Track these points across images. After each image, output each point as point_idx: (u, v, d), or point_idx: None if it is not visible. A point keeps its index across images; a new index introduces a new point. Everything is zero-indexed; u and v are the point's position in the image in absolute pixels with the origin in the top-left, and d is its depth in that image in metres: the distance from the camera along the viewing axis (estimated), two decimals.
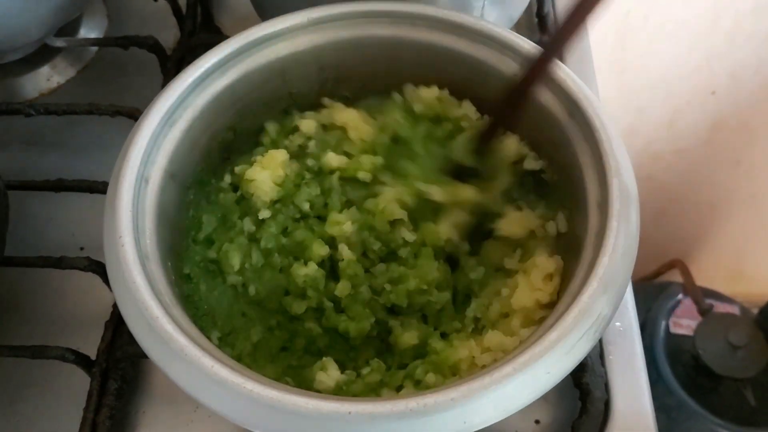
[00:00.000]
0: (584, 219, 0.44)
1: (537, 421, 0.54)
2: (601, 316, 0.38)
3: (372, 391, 0.45)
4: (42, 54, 0.74)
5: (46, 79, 0.73)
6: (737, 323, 1.09)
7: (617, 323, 0.56)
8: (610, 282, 0.39)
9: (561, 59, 0.47)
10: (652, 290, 1.24)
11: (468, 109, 0.55)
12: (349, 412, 0.35)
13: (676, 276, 1.25)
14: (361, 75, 0.56)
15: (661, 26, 1.14)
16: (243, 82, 0.52)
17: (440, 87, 0.55)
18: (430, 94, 0.55)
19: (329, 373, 0.46)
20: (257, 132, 0.56)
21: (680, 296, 1.20)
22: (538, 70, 0.46)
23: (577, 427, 0.52)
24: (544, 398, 0.53)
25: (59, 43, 0.71)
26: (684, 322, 1.18)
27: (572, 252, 0.45)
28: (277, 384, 0.37)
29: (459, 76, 0.54)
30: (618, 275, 0.40)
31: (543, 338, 0.37)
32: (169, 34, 0.77)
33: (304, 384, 0.46)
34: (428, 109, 0.55)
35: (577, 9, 0.42)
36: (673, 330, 1.17)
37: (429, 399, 0.35)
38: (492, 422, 0.36)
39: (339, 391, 0.45)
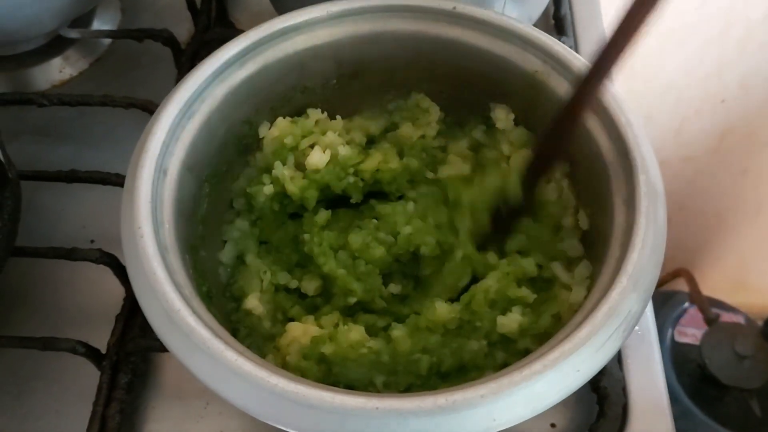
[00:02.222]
0: (609, 216, 0.44)
1: (553, 425, 0.53)
2: (631, 313, 0.38)
3: (558, 322, 0.45)
4: (55, 46, 0.73)
5: (59, 70, 0.73)
6: (744, 333, 1.09)
7: (635, 327, 0.56)
8: (639, 279, 0.39)
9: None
10: (658, 299, 1.23)
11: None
12: (377, 408, 0.34)
13: (680, 285, 1.25)
14: (379, 71, 0.56)
15: (672, 33, 1.14)
16: (261, 75, 0.52)
17: (459, 84, 0.55)
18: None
19: (510, 316, 0.46)
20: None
21: (686, 305, 1.20)
22: (588, 91, 0.42)
23: (595, 431, 0.51)
24: (561, 401, 0.53)
25: (73, 34, 0.70)
26: (689, 331, 1.17)
27: (597, 249, 0.44)
28: (301, 379, 0.36)
29: (479, 73, 0.53)
30: (647, 272, 0.39)
31: (572, 336, 0.36)
32: (182, 29, 0.76)
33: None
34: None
35: (626, 22, 0.38)
36: (679, 339, 1.16)
37: (458, 395, 0.34)
38: (521, 420, 0.35)
39: (525, 332, 0.45)
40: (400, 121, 0.56)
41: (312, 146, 0.53)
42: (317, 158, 0.52)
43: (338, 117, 0.56)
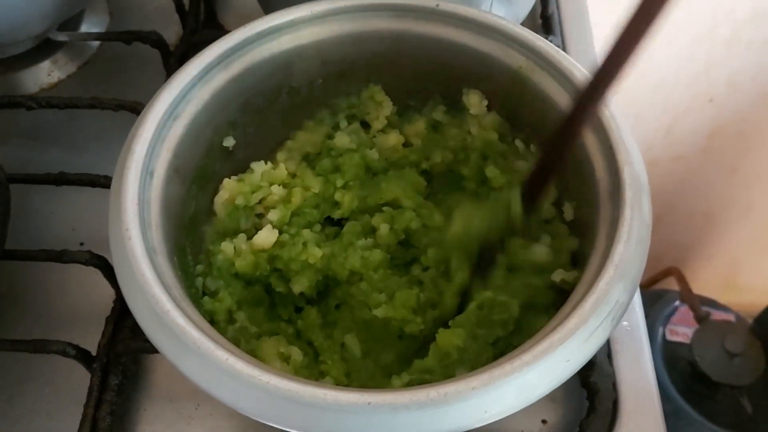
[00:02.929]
0: (595, 209, 0.44)
1: (544, 421, 0.53)
2: (618, 303, 0.38)
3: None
4: (43, 49, 0.73)
5: (47, 74, 0.72)
6: (734, 331, 1.09)
7: (624, 322, 0.56)
8: (625, 270, 0.39)
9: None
10: (649, 297, 1.24)
11: None
12: (369, 403, 0.34)
13: (671, 284, 1.25)
14: (364, 69, 0.56)
15: (660, 32, 1.14)
16: (246, 75, 0.51)
17: (442, 80, 0.55)
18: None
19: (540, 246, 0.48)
20: (258, 127, 0.55)
21: (677, 304, 1.20)
22: (588, 106, 0.40)
23: (586, 427, 0.51)
24: (551, 398, 0.53)
25: (62, 37, 0.70)
26: (680, 329, 1.18)
27: (584, 243, 0.45)
28: (293, 376, 0.36)
29: (463, 70, 0.53)
30: (633, 263, 0.40)
31: (561, 326, 0.36)
32: (171, 31, 0.76)
33: None
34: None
35: (627, 34, 0.36)
36: (670, 337, 1.17)
37: (450, 388, 0.34)
38: (513, 411, 0.35)
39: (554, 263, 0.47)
40: (349, 118, 0.58)
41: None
42: (264, 238, 0.51)
43: (281, 165, 0.56)
